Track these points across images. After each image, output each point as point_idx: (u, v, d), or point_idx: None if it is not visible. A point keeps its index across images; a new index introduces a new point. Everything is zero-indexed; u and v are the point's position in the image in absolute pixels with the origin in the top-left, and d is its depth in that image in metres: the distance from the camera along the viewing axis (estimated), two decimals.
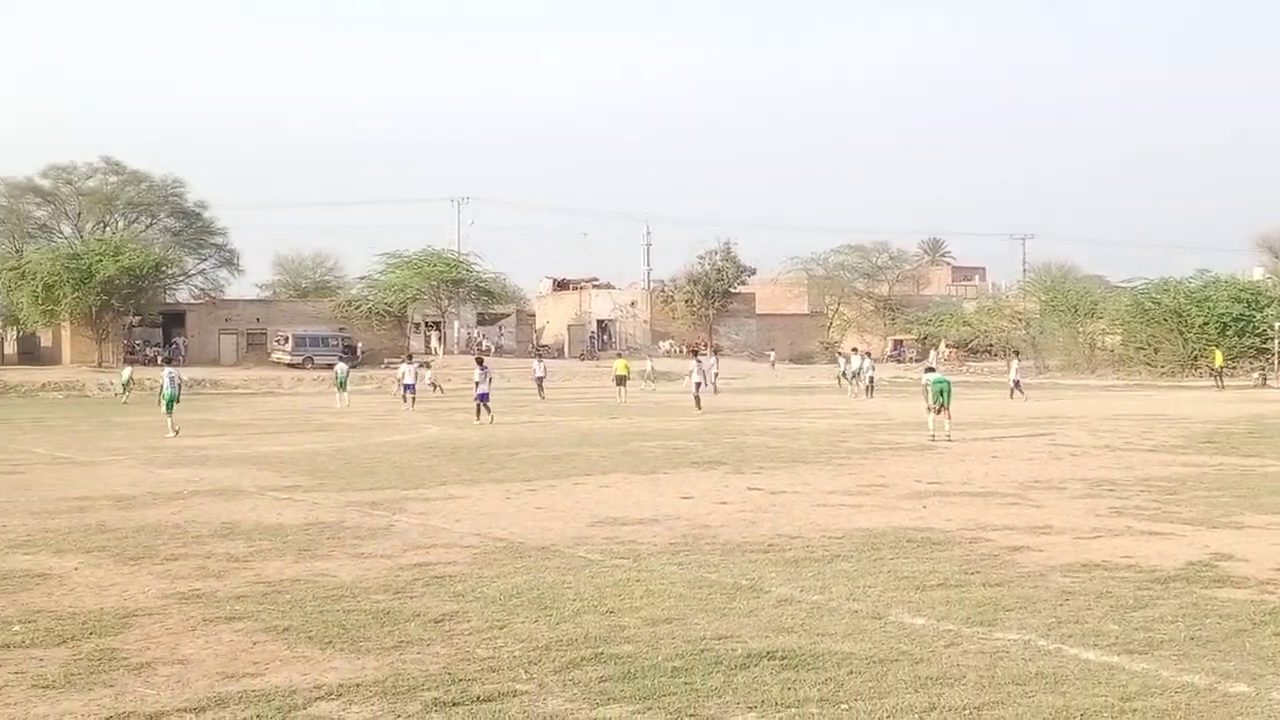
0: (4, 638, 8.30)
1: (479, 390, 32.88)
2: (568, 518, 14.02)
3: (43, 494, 16.95)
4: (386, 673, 7.32)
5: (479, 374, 33.10)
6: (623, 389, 46.07)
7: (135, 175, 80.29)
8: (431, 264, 79.83)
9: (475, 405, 32.87)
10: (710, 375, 49.52)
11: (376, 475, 19.15)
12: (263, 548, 12.06)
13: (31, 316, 70.54)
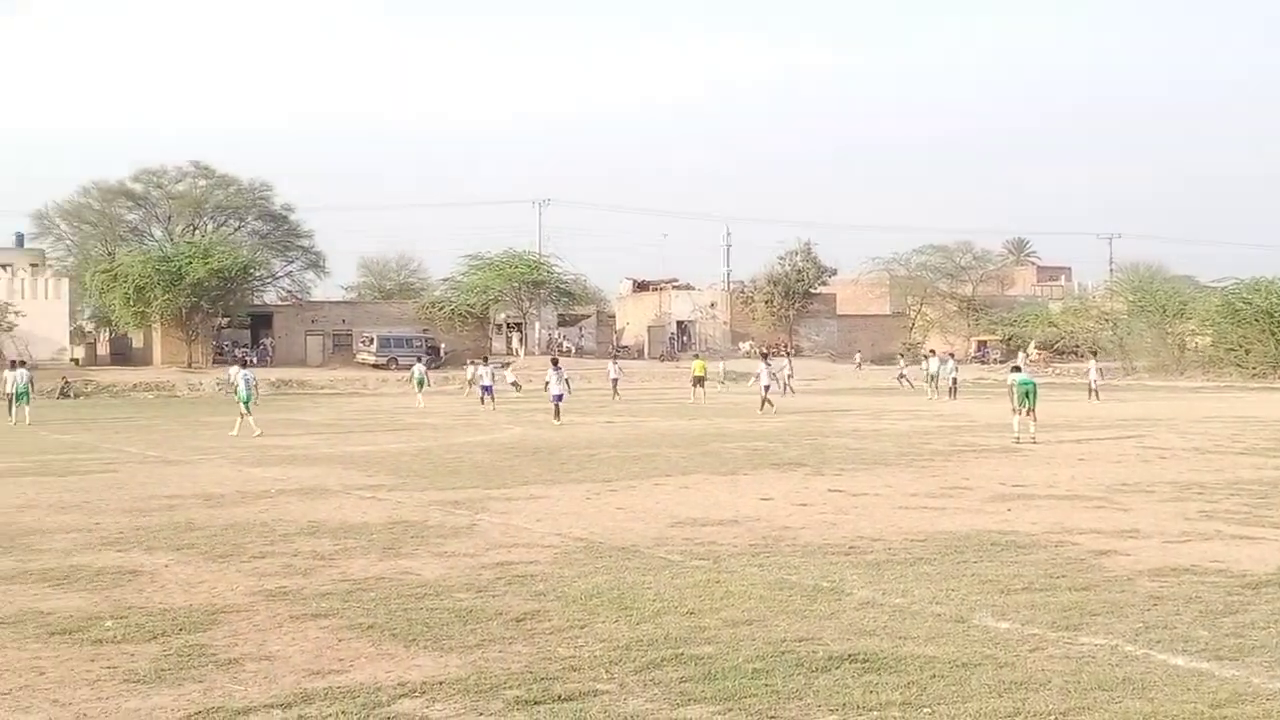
0: (97, 633, 8.49)
1: (554, 391, 33.45)
2: (648, 518, 14.05)
3: (134, 492, 17.31)
4: (469, 670, 7.39)
5: (552, 375, 33.82)
6: (700, 390, 46.01)
7: (224, 179, 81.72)
8: (513, 265, 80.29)
9: (554, 406, 33.35)
10: (783, 377, 49.77)
11: (459, 475, 19.32)
12: (348, 546, 12.23)
13: (123, 318, 72.03)
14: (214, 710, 6.67)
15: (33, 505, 15.84)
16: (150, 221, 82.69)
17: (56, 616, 9.01)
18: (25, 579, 10.56)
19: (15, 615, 9.07)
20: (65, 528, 13.71)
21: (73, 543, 12.61)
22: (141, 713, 6.65)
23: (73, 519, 14.47)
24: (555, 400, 33.30)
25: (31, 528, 13.74)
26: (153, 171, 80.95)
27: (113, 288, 70.06)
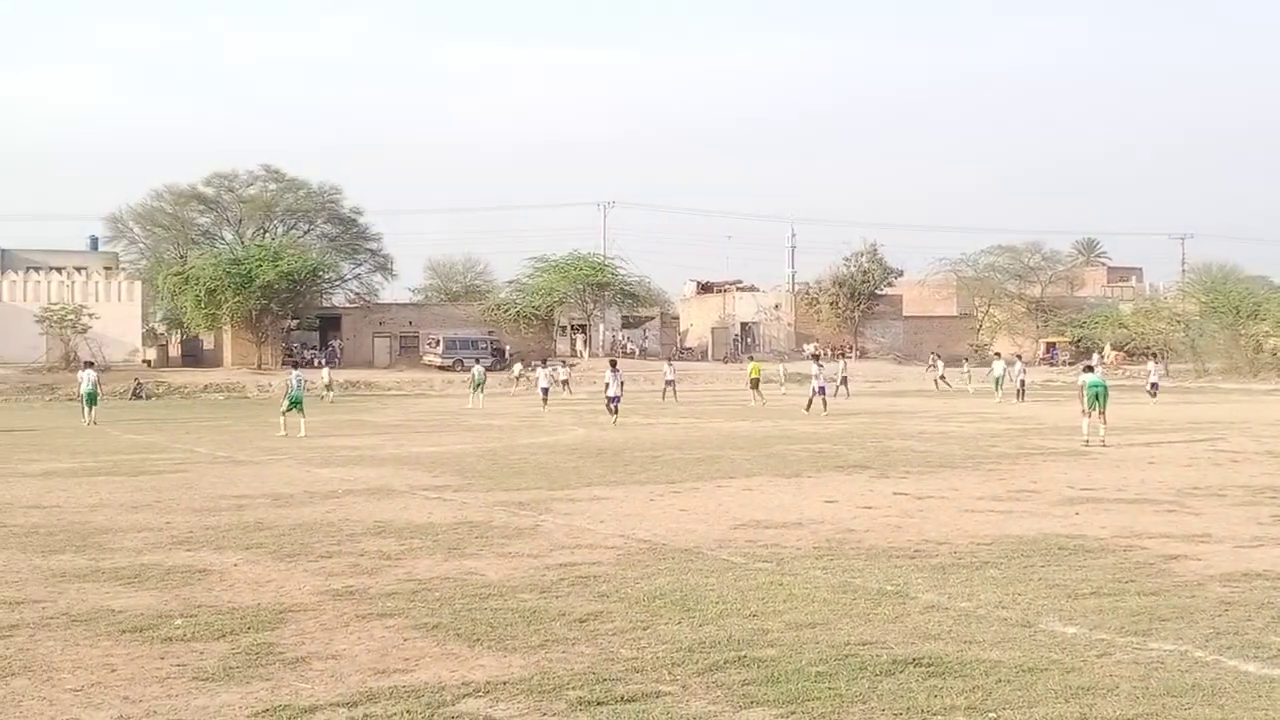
0: (167, 631, 8.61)
1: (610, 392, 34.11)
2: (711, 520, 14.03)
3: (204, 492, 17.56)
4: (532, 671, 7.42)
5: (610, 376, 34.55)
6: (756, 393, 45.96)
7: (293, 183, 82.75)
8: (577, 268, 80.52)
9: (611, 406, 34.02)
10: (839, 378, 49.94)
11: (523, 476, 19.41)
12: (413, 546, 12.32)
13: (195, 320, 73.07)
14: (281, 708, 6.74)
15: (105, 504, 16.12)
16: (221, 225, 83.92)
17: (128, 614, 9.16)
18: (97, 577, 10.75)
19: (88, 613, 9.23)
20: (137, 527, 13.94)
21: (144, 542, 12.81)
22: (210, 710, 6.74)
23: (144, 518, 14.70)
24: (612, 401, 33.94)
25: (104, 527, 13.97)
26: (224, 175, 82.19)
27: (184, 290, 71.11)
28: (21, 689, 7.14)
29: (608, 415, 34.17)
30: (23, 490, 17.93)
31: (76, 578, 10.72)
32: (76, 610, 9.33)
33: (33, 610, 9.33)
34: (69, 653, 8.00)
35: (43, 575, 10.85)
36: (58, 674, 7.47)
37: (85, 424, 35.92)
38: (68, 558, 11.79)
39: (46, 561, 11.57)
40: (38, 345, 66.49)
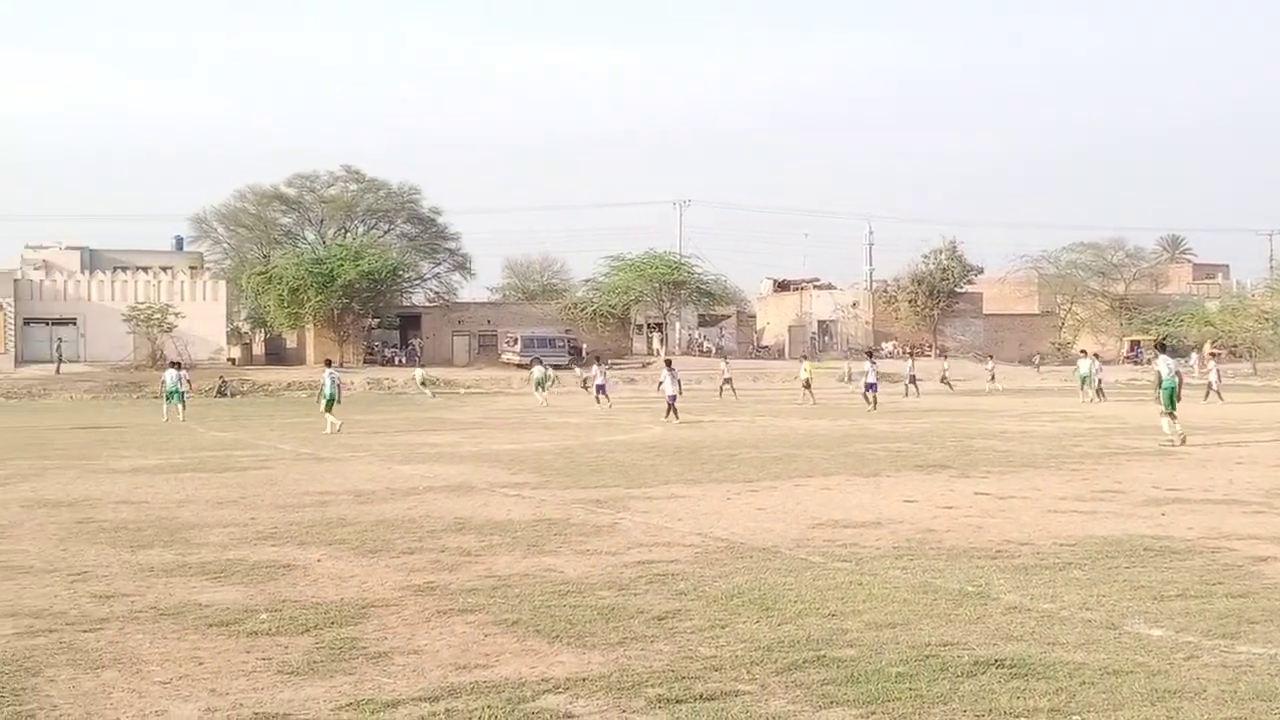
0: (252, 625, 8.75)
1: (668, 391, 34.66)
2: (789, 519, 13.98)
3: (288, 488, 17.82)
4: (612, 668, 7.44)
5: (666, 376, 35.00)
6: (808, 392, 45.82)
7: (374, 183, 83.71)
8: (653, 266, 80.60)
9: (668, 405, 34.44)
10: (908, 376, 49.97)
11: (600, 474, 19.47)
12: (493, 543, 12.41)
13: (278, 319, 74.24)
14: (364, 702, 6.83)
15: (192, 500, 16.41)
16: (303, 225, 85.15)
17: (214, 608, 9.32)
18: (185, 572, 10.95)
19: (176, 607, 9.40)
20: (222, 522, 14.18)
21: (229, 537, 13.03)
22: (295, 703, 6.84)
23: (229, 514, 14.95)
24: (670, 400, 34.39)
25: (190, 522, 14.23)
26: (306, 176, 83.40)
27: (268, 289, 72.25)
28: (112, 680, 7.30)
29: (687, 415, 34.21)
30: (112, 486, 18.31)
31: (164, 572, 10.93)
32: (165, 604, 9.51)
33: (122, 604, 9.53)
34: (157, 645, 8.16)
35: (132, 569, 11.07)
36: (146, 666, 7.62)
37: (164, 421, 36.75)
38: (156, 552, 12.02)
39: (135, 556, 11.81)
40: (125, 344, 67.88)
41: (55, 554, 11.96)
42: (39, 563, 11.45)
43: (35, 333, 69.96)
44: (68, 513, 15.14)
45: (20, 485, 18.50)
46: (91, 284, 71.90)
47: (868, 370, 40.40)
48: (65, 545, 12.51)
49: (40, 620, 8.93)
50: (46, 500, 16.48)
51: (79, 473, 20.54)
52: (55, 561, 11.51)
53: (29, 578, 10.67)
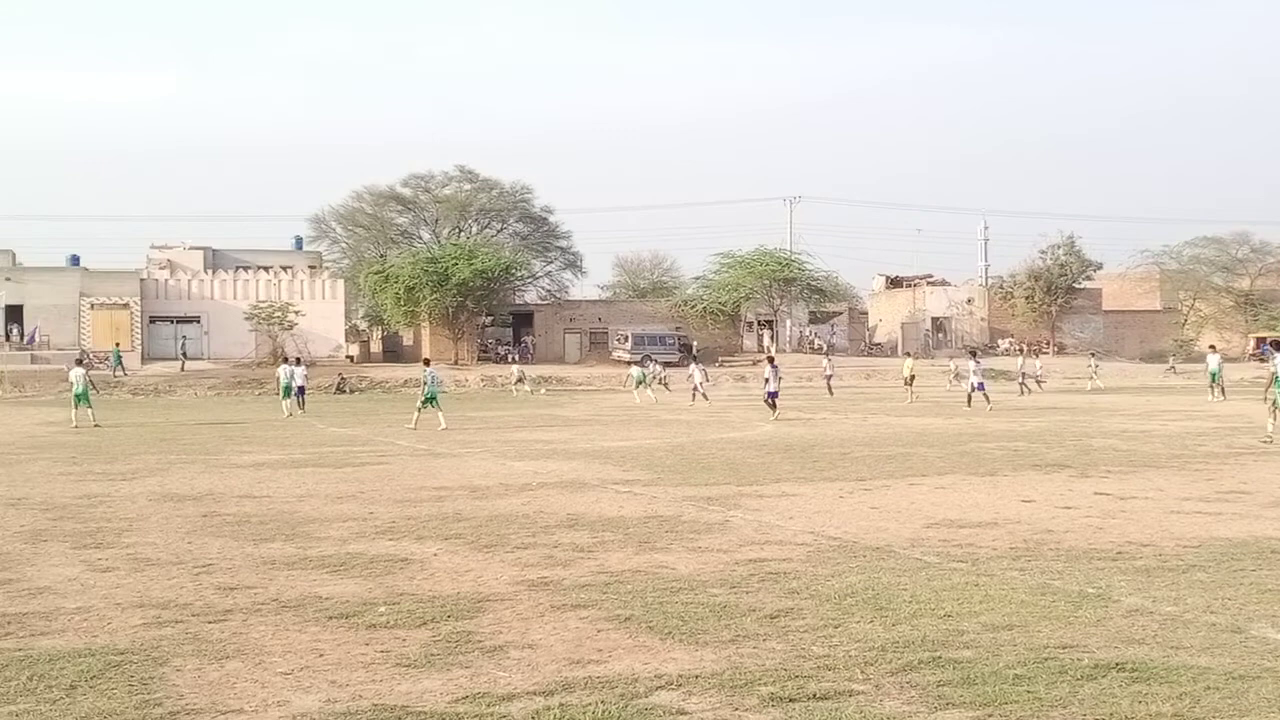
0: (371, 618, 8.91)
1: (769, 388, 34.63)
2: (903, 518, 13.84)
3: (405, 483, 18.10)
4: (724, 665, 7.44)
5: (769, 372, 34.96)
6: (910, 389, 45.23)
7: (487, 183, 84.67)
8: (764, 263, 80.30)
9: (770, 401, 34.50)
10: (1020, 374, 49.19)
11: (711, 471, 19.46)
12: (605, 539, 12.48)
13: (394, 317, 75.44)
14: (480, 695, 6.91)
15: (312, 495, 16.75)
16: (419, 224, 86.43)
17: (334, 601, 9.51)
18: (305, 565, 11.18)
19: (297, 599, 9.61)
20: (342, 517, 14.45)
21: (349, 531, 13.27)
22: (412, 695, 6.94)
23: (349, 508, 15.23)
24: (770, 396, 34.42)
25: (311, 516, 14.53)
26: (421, 176, 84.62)
27: (384, 288, 73.43)
28: (235, 671, 7.48)
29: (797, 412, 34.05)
30: (235, 481, 18.77)
31: (286, 565, 11.18)
32: (286, 596, 9.73)
33: (245, 596, 9.77)
34: (279, 637, 8.35)
35: (254, 562, 11.34)
36: (269, 657, 7.80)
37: (285, 416, 37.65)
38: (278, 546, 12.30)
39: (258, 549, 12.09)
40: (247, 342, 69.48)
41: (181, 547, 12.30)
42: (166, 555, 11.78)
43: (161, 331, 71.97)
44: (193, 506, 15.56)
45: (148, 479, 19.05)
46: (214, 283, 73.70)
47: (972, 369, 40.03)
48: (191, 538, 12.86)
49: (167, 611, 9.19)
50: (173, 494, 16.96)
51: (204, 467, 21.09)
52: (181, 554, 11.84)
53: (156, 570, 10.98)
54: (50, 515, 14.77)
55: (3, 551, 12.03)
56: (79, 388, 34.48)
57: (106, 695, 6.93)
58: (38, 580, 10.48)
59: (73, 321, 69.25)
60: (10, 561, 11.44)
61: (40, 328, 68.04)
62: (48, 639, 8.31)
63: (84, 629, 8.62)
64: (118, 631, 8.52)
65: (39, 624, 8.77)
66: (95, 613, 9.14)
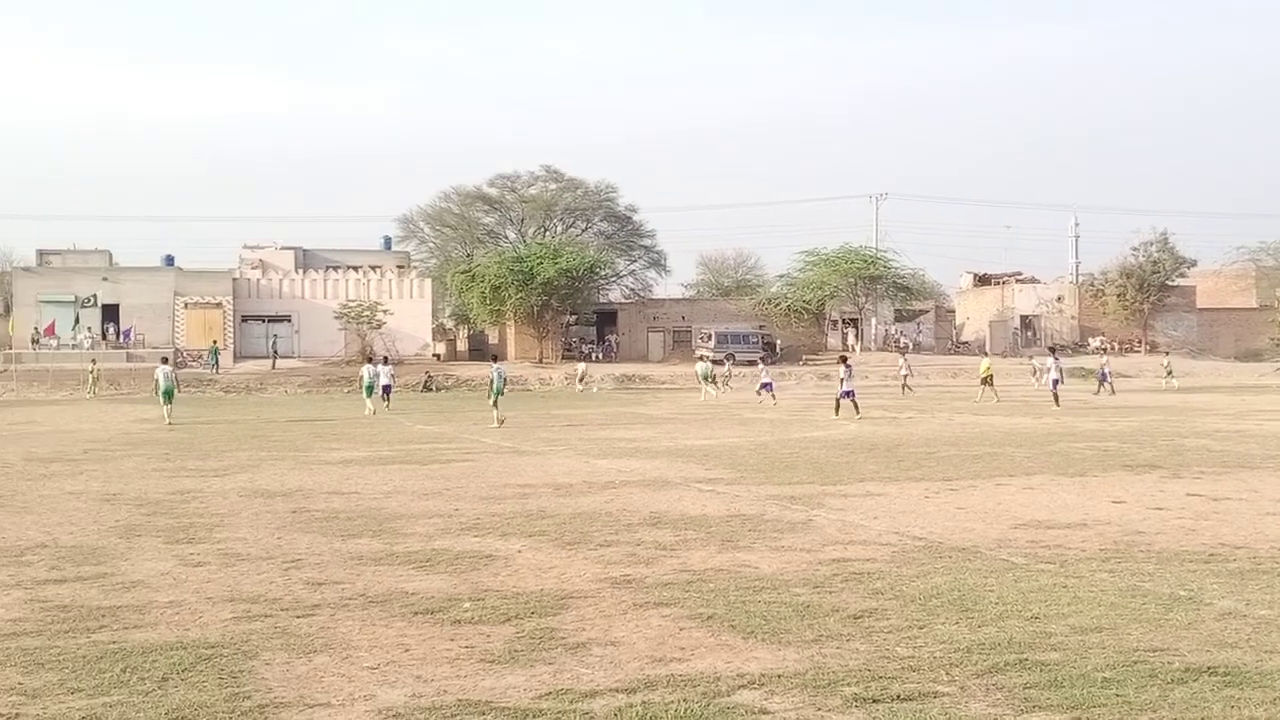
0: (456, 614, 8.99)
1: (843, 388, 34.57)
2: (989, 519, 13.68)
3: (490, 480, 18.25)
4: (807, 665, 7.41)
5: (844, 372, 34.98)
6: (987, 389, 44.63)
7: (572, 182, 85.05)
8: (849, 261, 79.81)
9: (835, 402, 34.71)
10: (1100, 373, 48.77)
11: (794, 470, 19.38)
12: (688, 537, 12.48)
13: (480, 316, 76.11)
14: (563, 692, 6.95)
15: (399, 492, 16.95)
16: (505, 224, 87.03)
17: (419, 597, 9.61)
18: (392, 561, 11.32)
19: (384, 594, 9.73)
20: (428, 513, 14.61)
21: (434, 527, 13.41)
22: (496, 691, 7.00)
23: (434, 505, 15.39)
24: (845, 395, 34.44)
25: (398, 512, 14.70)
26: (507, 177, 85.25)
27: (471, 287, 74.10)
28: (323, 665, 7.59)
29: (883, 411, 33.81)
30: (324, 477, 19.05)
31: (373, 561, 11.32)
32: (373, 592, 9.85)
33: (333, 591, 9.91)
34: (366, 632, 8.46)
35: (342, 558, 11.50)
36: (356, 652, 7.91)
37: (367, 414, 38.13)
38: (365, 542, 12.46)
39: (346, 545, 12.26)
40: (336, 340, 70.46)
41: (271, 542, 12.51)
42: (256, 550, 11.99)
43: (252, 329, 73.29)
44: (283, 502, 15.82)
45: (239, 476, 19.40)
46: (305, 282, 74.85)
47: (1050, 366, 40.17)
48: (280, 534, 13.07)
49: (256, 605, 9.35)
50: (263, 490, 17.25)
51: (293, 464, 21.43)
52: (271, 549, 12.04)
53: (246, 564, 11.18)
54: (144, 510, 15.10)
55: (98, 546, 12.33)
56: (165, 385, 35.46)
57: (197, 688, 7.07)
58: (131, 574, 10.72)
59: (167, 320, 70.72)
60: (105, 556, 11.72)
61: (135, 326, 69.56)
62: (141, 632, 8.49)
63: (176, 622, 8.80)
64: (209, 625, 8.69)
65: (133, 617, 8.97)
66: (187, 606, 9.33)
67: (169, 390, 35.42)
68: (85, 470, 20.46)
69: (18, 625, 8.72)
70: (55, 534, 13.11)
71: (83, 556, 11.65)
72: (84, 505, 15.64)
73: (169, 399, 35.25)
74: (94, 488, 17.69)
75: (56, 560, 11.45)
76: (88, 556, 11.65)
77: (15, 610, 9.23)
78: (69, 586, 10.16)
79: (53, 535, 13.02)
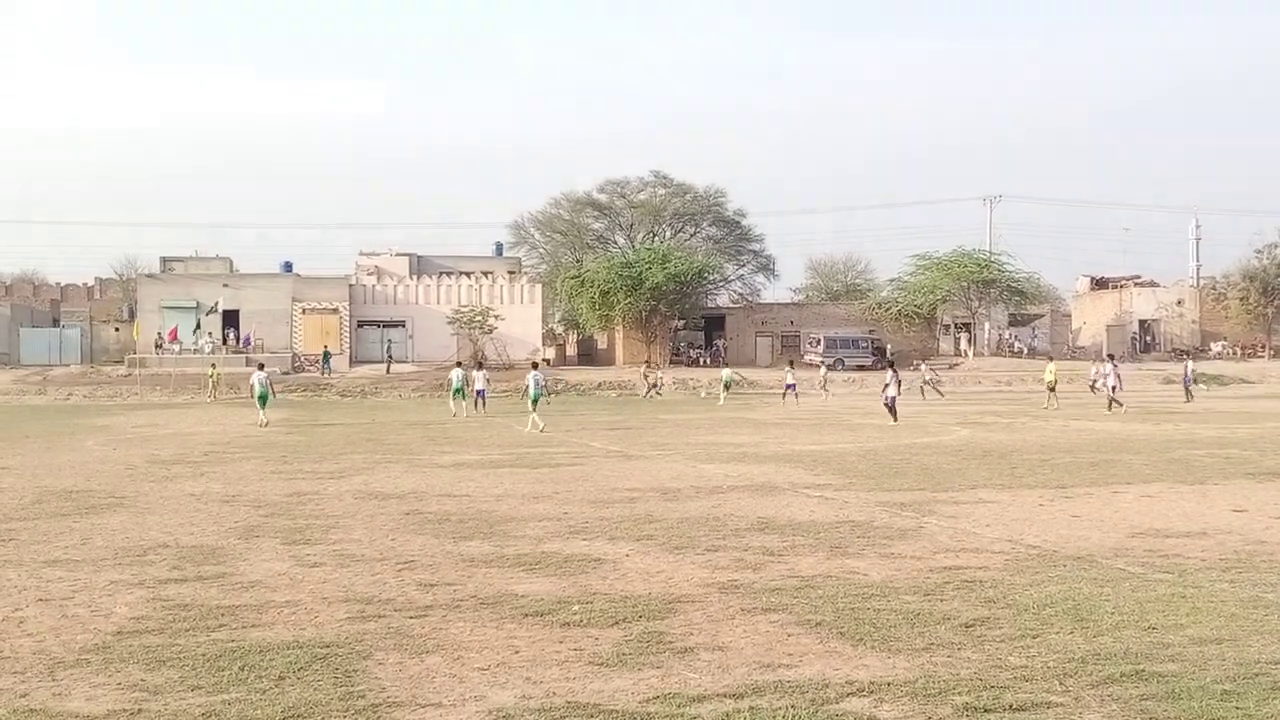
0: (565, 616, 9.07)
1: (888, 394, 34.60)
2: (1106, 527, 13.42)
3: (599, 484, 18.35)
4: (917, 674, 7.34)
5: (890, 378, 34.96)
6: (1053, 395, 43.63)
7: (681, 187, 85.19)
8: (962, 265, 78.73)
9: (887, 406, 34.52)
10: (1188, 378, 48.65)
11: (904, 476, 19.19)
12: (796, 543, 12.43)
13: (590, 321, 76.62)
14: (670, 696, 6.97)
15: (509, 495, 17.12)
16: (614, 229, 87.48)
17: (529, 599, 9.71)
18: (502, 563, 11.44)
19: (494, 596, 9.85)
20: (537, 516, 14.74)
21: (544, 530, 13.53)
22: (604, 694, 7.04)
23: (544, 508, 15.52)
24: (890, 401, 34.39)
25: (508, 515, 14.86)
26: (616, 182, 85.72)
27: (580, 293, 74.63)
28: (435, 665, 7.71)
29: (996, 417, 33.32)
30: (436, 480, 19.31)
31: (484, 563, 11.46)
32: (484, 593, 9.97)
33: (445, 592, 10.05)
34: (477, 633, 8.57)
35: (454, 560, 11.66)
36: (467, 653, 8.01)
37: (455, 416, 39.19)
38: (476, 544, 12.62)
39: (457, 547, 12.43)
40: (449, 345, 71.31)
41: (385, 543, 12.72)
42: (370, 551, 12.21)
43: (367, 334, 74.54)
44: (396, 504, 16.08)
45: (354, 478, 19.75)
46: (419, 288, 75.93)
47: (1108, 373, 40.57)
48: (394, 535, 13.29)
49: (370, 606, 9.52)
50: (377, 493, 17.55)
51: (407, 467, 21.76)
52: (385, 550, 12.25)
53: (361, 565, 11.39)
54: (262, 512, 15.45)
55: (218, 546, 12.65)
56: (260, 389, 37.07)
57: (313, 686, 7.23)
58: (250, 574, 10.98)
59: (285, 326, 72.22)
60: (224, 556, 12.02)
61: (254, 331, 71.18)
62: (258, 631, 8.70)
63: (292, 622, 9.00)
64: (324, 625, 8.87)
65: (251, 616, 9.19)
66: (303, 606, 9.53)
67: (263, 395, 37.05)
68: (206, 472, 21.00)
69: (141, 623, 8.98)
70: (177, 534, 13.48)
71: (203, 556, 11.96)
72: (204, 506, 16.06)
73: (264, 403, 36.83)
74: (214, 489, 18.14)
75: (178, 560, 11.77)
76: (208, 556, 11.96)
77: (138, 608, 9.51)
78: (189, 586, 10.44)
79: (174, 536, 13.39)
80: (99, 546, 12.63)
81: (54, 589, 10.33)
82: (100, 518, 14.95)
